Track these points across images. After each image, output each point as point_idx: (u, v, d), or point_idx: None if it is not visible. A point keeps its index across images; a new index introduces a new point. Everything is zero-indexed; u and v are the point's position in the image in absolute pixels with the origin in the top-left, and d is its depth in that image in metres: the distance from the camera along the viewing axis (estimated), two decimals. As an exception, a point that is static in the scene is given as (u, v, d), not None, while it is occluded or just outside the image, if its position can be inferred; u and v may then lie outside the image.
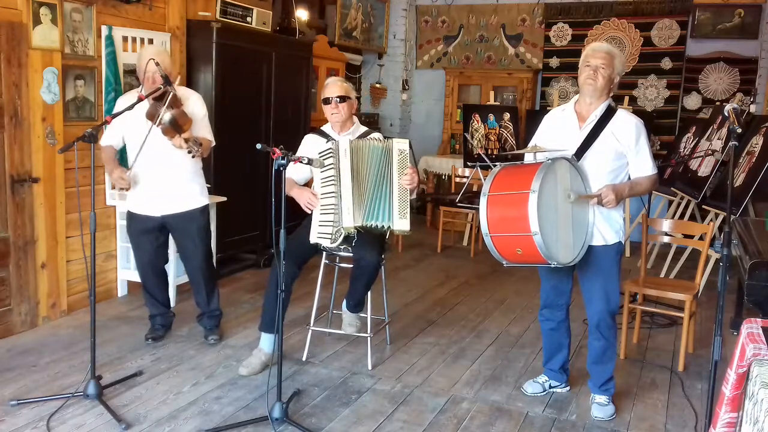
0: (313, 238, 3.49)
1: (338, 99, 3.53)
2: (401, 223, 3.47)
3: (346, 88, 3.58)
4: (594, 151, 3.06)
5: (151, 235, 3.81)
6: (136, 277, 4.62)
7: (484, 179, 3.02)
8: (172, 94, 3.42)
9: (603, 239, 3.12)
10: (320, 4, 7.61)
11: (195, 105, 3.73)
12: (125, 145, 3.77)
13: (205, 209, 3.87)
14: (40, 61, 3.90)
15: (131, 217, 3.83)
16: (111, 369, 3.52)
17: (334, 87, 3.56)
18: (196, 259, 3.87)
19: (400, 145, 3.47)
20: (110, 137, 3.72)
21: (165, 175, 3.70)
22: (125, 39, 4.48)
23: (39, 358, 3.64)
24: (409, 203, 3.49)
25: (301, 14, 6.64)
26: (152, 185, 3.72)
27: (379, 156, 3.47)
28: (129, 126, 3.60)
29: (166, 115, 3.39)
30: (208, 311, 3.99)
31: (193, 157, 3.54)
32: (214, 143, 3.82)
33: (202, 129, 3.73)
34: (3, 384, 3.31)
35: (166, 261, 4.04)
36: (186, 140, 3.45)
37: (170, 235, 3.94)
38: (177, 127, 3.43)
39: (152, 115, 3.43)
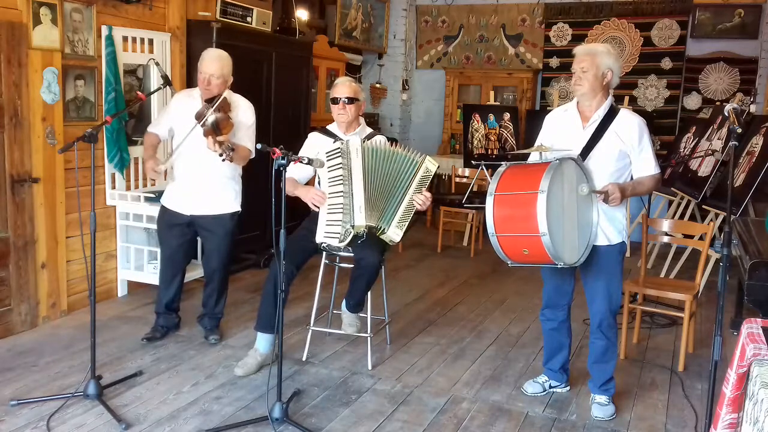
0: (320, 238, 3.47)
1: (346, 100, 3.54)
2: (394, 231, 3.49)
3: (355, 89, 3.59)
4: (598, 151, 3.06)
5: (175, 230, 3.84)
6: (136, 277, 4.64)
7: (490, 179, 3.00)
8: (221, 98, 3.50)
9: (607, 239, 3.12)
10: (320, 4, 7.61)
11: (244, 114, 3.76)
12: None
13: (234, 215, 3.87)
14: (40, 61, 3.90)
15: (164, 210, 3.88)
16: (111, 369, 3.52)
17: (343, 87, 3.57)
18: (215, 261, 3.90)
19: (430, 164, 3.52)
20: (157, 125, 3.84)
21: (201, 177, 3.74)
22: (125, 39, 4.48)
23: (39, 358, 3.64)
24: (410, 220, 3.51)
25: (301, 14, 6.64)
26: (188, 184, 3.77)
27: (403, 163, 3.50)
28: (179, 122, 3.68)
29: (211, 117, 3.44)
30: (213, 313, 4.00)
31: (223, 160, 3.54)
32: (253, 155, 3.82)
33: (245, 137, 3.75)
34: (3, 384, 3.31)
35: (188, 260, 4.06)
36: (220, 143, 3.45)
37: (197, 236, 3.97)
38: (216, 129, 3.47)
39: (200, 116, 3.49)
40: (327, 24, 7.63)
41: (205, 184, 3.75)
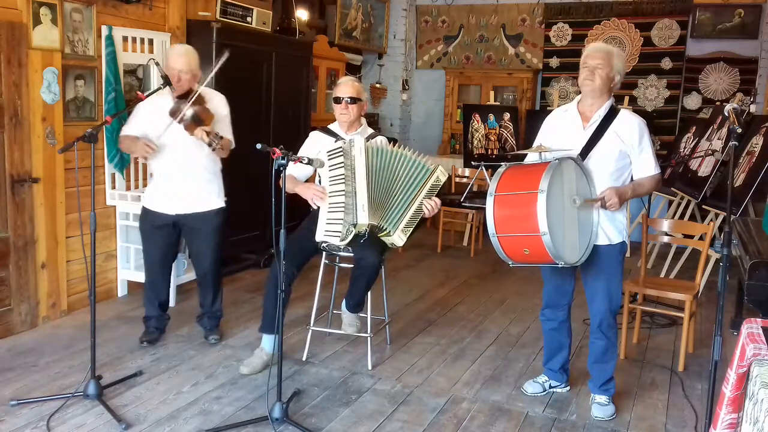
0: (320, 236, 3.47)
1: (349, 99, 3.55)
2: (399, 236, 3.50)
3: (358, 89, 3.60)
4: (598, 152, 3.06)
5: (162, 231, 3.81)
6: (136, 277, 4.64)
7: (489, 179, 3.00)
8: (197, 93, 3.48)
9: (607, 239, 3.12)
10: (320, 4, 7.61)
11: (218, 105, 3.75)
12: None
13: (220, 211, 3.86)
14: (40, 61, 3.90)
15: (145, 213, 3.84)
16: (111, 369, 3.52)
17: (346, 87, 3.57)
18: (207, 260, 3.88)
19: (441, 175, 3.53)
20: (131, 129, 3.75)
21: (183, 175, 3.71)
22: (125, 39, 4.48)
23: (39, 358, 3.64)
24: (414, 225, 3.52)
25: (301, 14, 6.64)
26: (170, 184, 3.74)
27: (412, 168, 3.50)
28: (153, 121, 3.62)
29: (188, 111, 3.44)
30: (210, 312, 3.99)
31: (213, 150, 3.53)
32: (234, 145, 3.81)
33: (224, 128, 3.73)
34: (3, 384, 3.31)
35: (173, 260, 4.04)
36: (207, 133, 3.45)
37: (181, 234, 3.93)
38: (199, 121, 3.47)
39: (174, 112, 3.47)
40: (327, 24, 7.63)
41: (189, 181, 3.72)
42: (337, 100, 3.57)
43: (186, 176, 3.72)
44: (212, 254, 3.87)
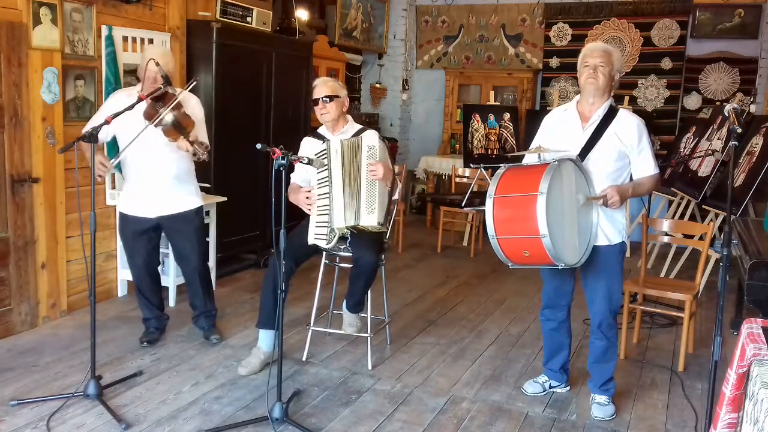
0: (311, 239, 3.49)
1: (326, 99, 3.54)
2: (368, 218, 3.42)
3: (333, 86, 3.58)
4: (597, 152, 3.05)
5: (145, 236, 3.78)
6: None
7: (489, 179, 3.00)
8: (176, 96, 3.40)
9: (607, 239, 3.12)
10: (320, 4, 7.61)
11: (195, 108, 3.71)
12: (115, 141, 3.73)
13: (200, 210, 3.85)
14: (40, 61, 3.90)
15: (124, 218, 3.79)
16: (111, 369, 3.52)
17: (322, 87, 3.57)
18: (193, 260, 3.86)
19: (369, 140, 3.46)
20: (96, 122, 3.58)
21: (160, 176, 3.67)
22: (125, 39, 4.48)
23: (39, 358, 3.64)
24: (379, 198, 3.41)
25: (301, 14, 6.64)
26: (146, 186, 3.69)
27: (357, 153, 3.46)
28: (123, 124, 3.48)
29: (168, 116, 3.36)
30: (205, 311, 3.98)
31: (198, 159, 3.51)
32: (209, 147, 3.80)
33: (201, 132, 3.70)
34: (3, 384, 3.31)
35: (159, 263, 4.02)
36: (191, 143, 3.42)
37: (162, 236, 3.90)
38: (180, 128, 3.41)
39: (151, 115, 3.39)
40: (327, 24, 7.63)
41: (164, 182, 3.68)
42: (315, 102, 3.57)
43: (161, 178, 3.67)
44: (197, 253, 3.85)
